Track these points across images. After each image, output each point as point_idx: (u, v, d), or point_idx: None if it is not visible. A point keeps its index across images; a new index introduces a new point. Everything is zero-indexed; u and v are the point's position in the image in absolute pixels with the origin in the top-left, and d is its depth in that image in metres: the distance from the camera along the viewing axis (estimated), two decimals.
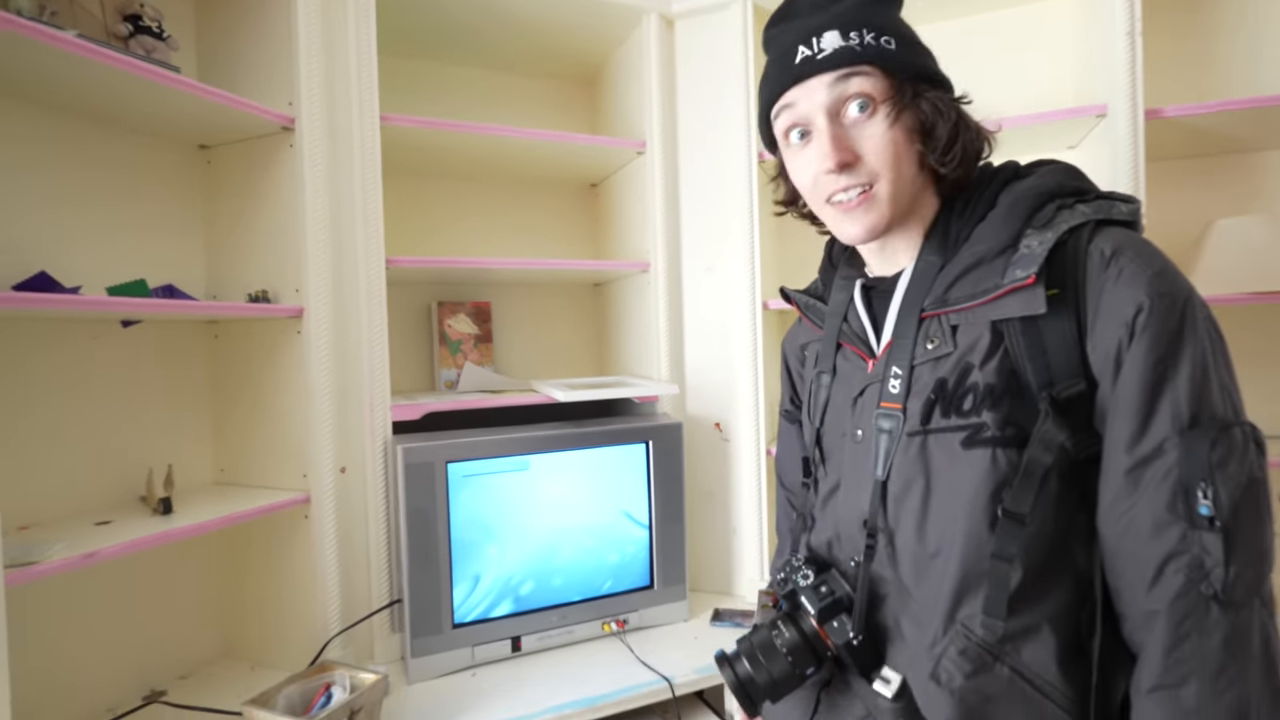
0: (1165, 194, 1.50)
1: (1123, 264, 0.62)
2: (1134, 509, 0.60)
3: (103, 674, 1.21)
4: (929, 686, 0.66)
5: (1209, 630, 0.57)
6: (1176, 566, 0.58)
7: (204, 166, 1.37)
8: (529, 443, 1.39)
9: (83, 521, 1.11)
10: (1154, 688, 0.58)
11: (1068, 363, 0.63)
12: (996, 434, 0.64)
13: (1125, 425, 0.61)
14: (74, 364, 1.19)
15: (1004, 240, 0.66)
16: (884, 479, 0.71)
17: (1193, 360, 0.59)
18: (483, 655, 1.34)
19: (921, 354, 0.69)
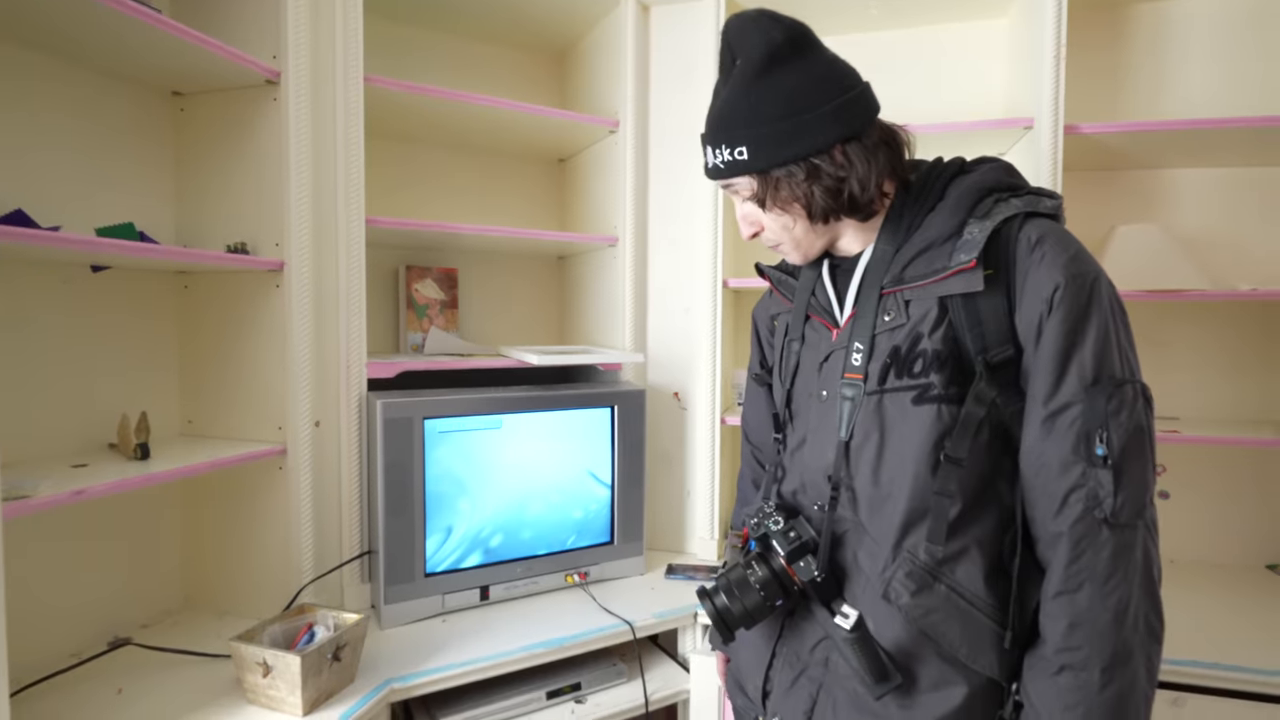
0: (1077, 201, 1.69)
1: (1045, 250, 0.74)
2: (1046, 451, 0.73)
3: (64, 621, 1.20)
4: (880, 606, 0.79)
5: (1100, 547, 0.70)
6: (1078, 497, 0.71)
7: (176, 114, 1.35)
8: (503, 403, 1.45)
9: (58, 464, 1.11)
10: (1057, 593, 0.72)
11: (999, 332, 0.76)
12: (941, 392, 0.77)
13: (1042, 383, 0.73)
14: (44, 307, 1.17)
15: (950, 228, 0.78)
16: (847, 440, 0.83)
17: (1097, 330, 0.72)
18: (453, 603, 1.41)
19: (880, 325, 0.82)
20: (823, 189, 0.79)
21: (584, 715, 1.28)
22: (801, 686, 0.86)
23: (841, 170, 0.79)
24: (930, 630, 0.76)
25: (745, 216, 0.87)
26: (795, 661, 0.88)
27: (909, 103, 1.75)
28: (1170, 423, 1.62)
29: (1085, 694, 0.70)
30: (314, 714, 1.04)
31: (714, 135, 0.82)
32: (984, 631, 0.76)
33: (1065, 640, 0.71)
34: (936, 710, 0.77)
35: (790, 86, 0.77)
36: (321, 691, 1.06)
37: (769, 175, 0.80)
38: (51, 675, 1.12)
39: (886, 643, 0.79)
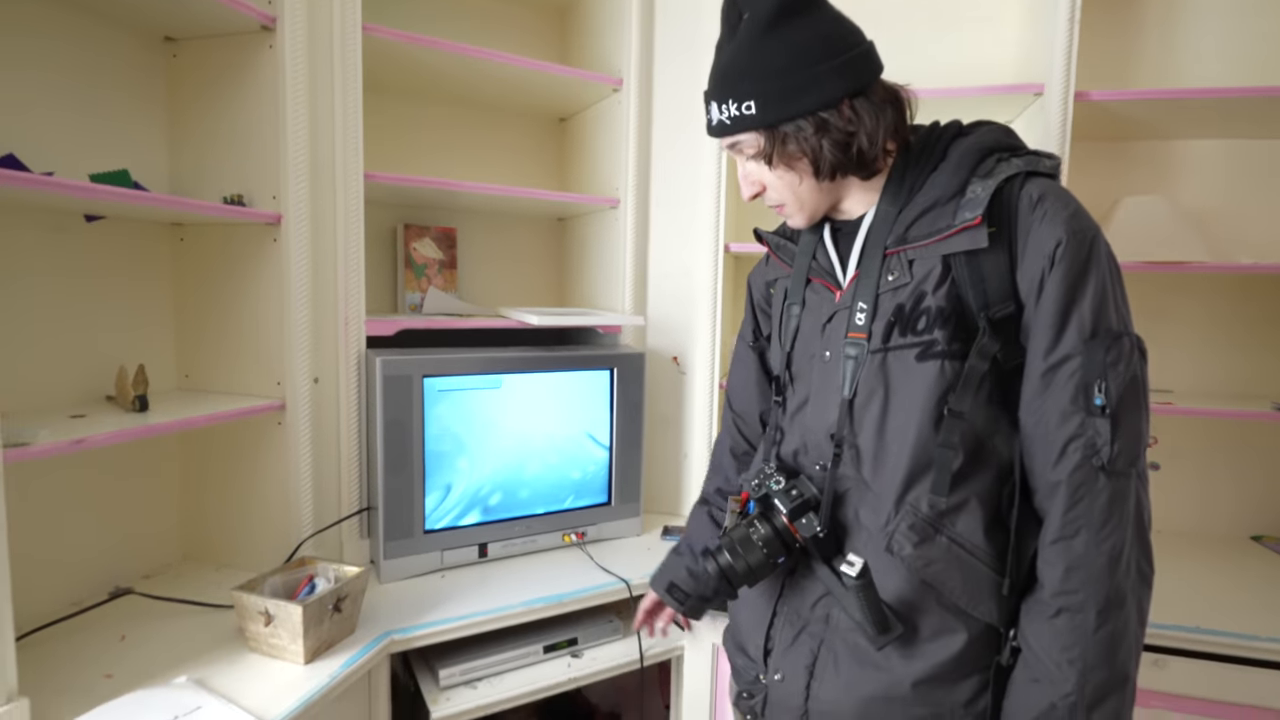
0: (1084, 172, 1.68)
1: (1046, 207, 0.75)
2: (1046, 402, 0.75)
3: (66, 571, 1.21)
4: (883, 559, 0.81)
5: (1097, 494, 0.73)
6: (1076, 446, 0.73)
7: (169, 60, 1.32)
8: (503, 363, 1.45)
9: (56, 415, 1.10)
10: (1055, 540, 0.75)
11: (1001, 288, 0.78)
12: (945, 348, 0.78)
13: (1043, 337, 0.75)
14: (37, 257, 1.15)
15: (954, 188, 0.79)
16: (851, 397, 0.84)
17: (1096, 285, 0.74)
18: (451, 559, 1.43)
19: (883, 285, 0.83)
20: (831, 143, 0.79)
21: (580, 669, 1.31)
22: (803, 643, 0.88)
23: (850, 125, 0.79)
24: (932, 580, 0.79)
25: (748, 176, 0.87)
26: (796, 619, 0.90)
27: (917, 66, 1.72)
28: (1164, 395, 1.63)
29: (1081, 635, 0.72)
30: (315, 662, 1.06)
31: (720, 90, 0.81)
32: (983, 580, 0.78)
33: (1062, 584, 0.74)
34: (936, 657, 0.80)
35: (799, 40, 0.77)
36: (322, 641, 1.08)
37: (777, 130, 0.80)
38: (54, 622, 1.13)
39: (889, 595, 0.81)
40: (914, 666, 0.81)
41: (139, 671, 1.02)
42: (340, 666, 1.06)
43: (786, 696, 0.89)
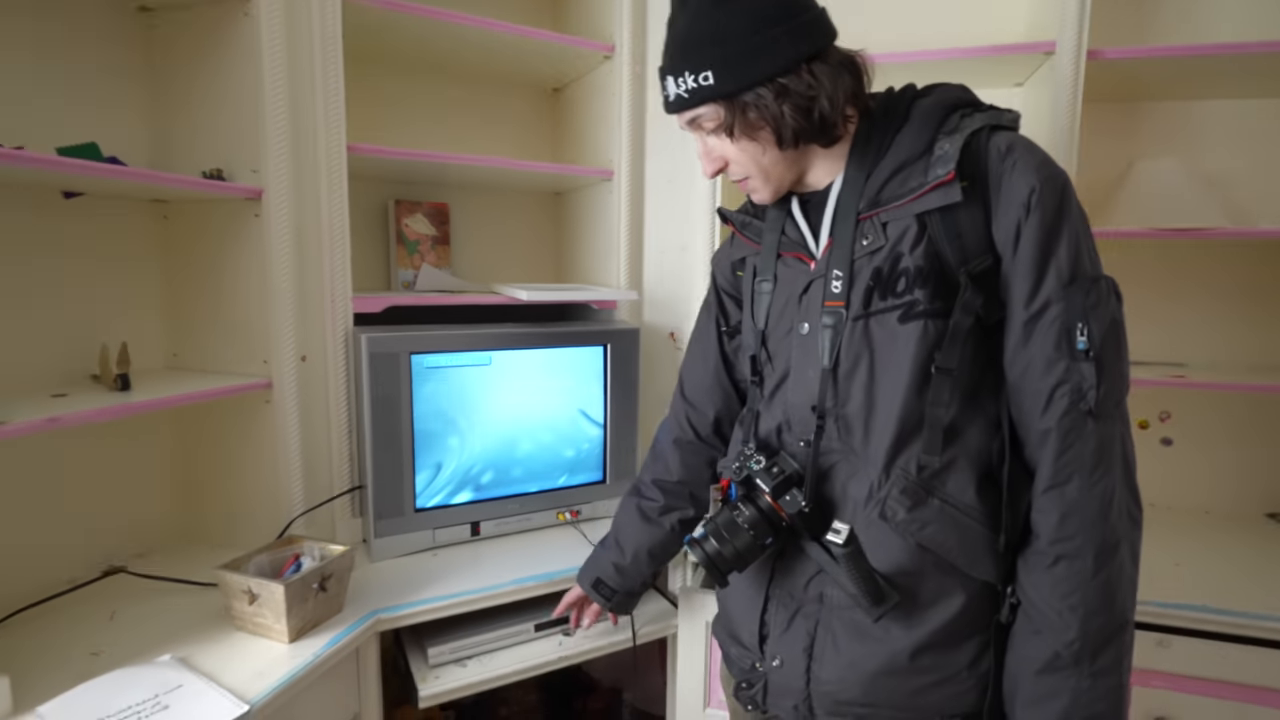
0: (1096, 135, 1.61)
1: (1016, 157, 0.75)
2: (1030, 351, 0.75)
3: (60, 548, 1.22)
4: (875, 528, 0.80)
5: (1087, 438, 0.73)
6: (1063, 392, 0.73)
7: (146, 31, 1.29)
8: (492, 339, 1.42)
9: (38, 394, 1.10)
10: (1047, 488, 0.75)
11: (978, 242, 0.77)
12: (927, 307, 0.77)
13: (1022, 286, 0.75)
14: (14, 234, 1.14)
15: (921, 146, 0.78)
16: (830, 367, 0.82)
17: (1070, 230, 0.74)
18: (443, 538, 1.42)
19: (859, 250, 0.81)
20: (793, 108, 0.77)
21: (571, 647, 1.30)
22: (798, 624, 0.87)
23: (811, 89, 0.77)
24: (928, 542, 0.78)
25: (709, 152, 0.85)
26: (789, 601, 0.88)
27: (922, 27, 1.66)
28: (1177, 369, 1.57)
29: (1080, 581, 0.73)
30: (300, 641, 1.06)
31: (675, 62, 0.79)
32: (979, 538, 0.78)
33: (1058, 532, 0.74)
34: (936, 622, 0.80)
35: (752, 6, 0.76)
36: (307, 620, 1.08)
37: (737, 100, 0.78)
38: (45, 600, 1.14)
39: (885, 563, 0.80)
40: (915, 634, 0.80)
41: (126, 649, 1.02)
42: (324, 645, 1.05)
43: (787, 681, 0.88)
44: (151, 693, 0.91)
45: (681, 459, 1.12)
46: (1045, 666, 0.75)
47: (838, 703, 0.85)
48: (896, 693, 0.82)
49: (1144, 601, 1.20)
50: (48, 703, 0.88)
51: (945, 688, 0.81)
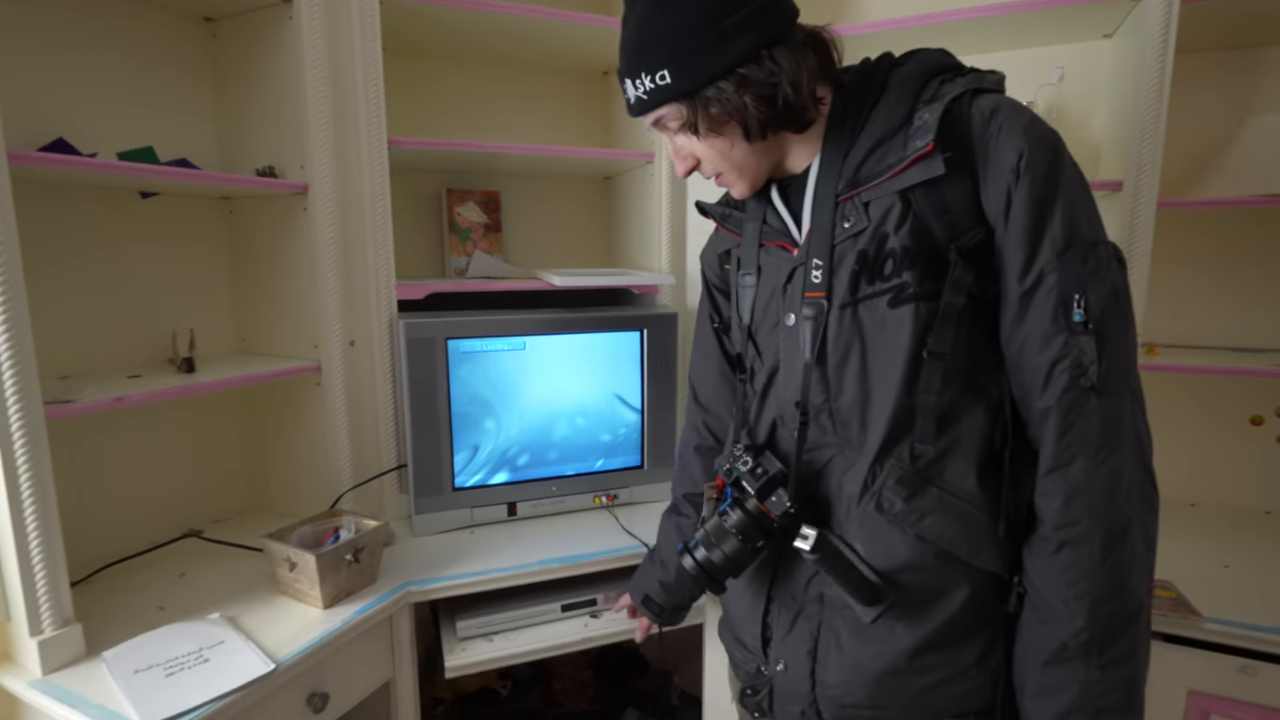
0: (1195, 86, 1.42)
1: (1001, 120, 0.69)
2: (1027, 327, 0.70)
3: (147, 514, 1.36)
4: (873, 521, 0.76)
5: (1090, 416, 0.68)
6: (1062, 368, 0.68)
7: (210, 40, 1.39)
8: (525, 324, 1.45)
9: (118, 375, 1.23)
10: (1050, 469, 0.70)
11: (968, 215, 0.71)
12: (917, 289, 0.72)
13: (1016, 258, 0.70)
14: (101, 231, 1.27)
15: (899, 118, 0.74)
16: (812, 360, 0.78)
17: (1065, 194, 0.68)
18: (481, 517, 1.47)
19: (840, 233, 0.76)
20: (755, 98, 0.73)
21: (597, 629, 1.32)
22: (801, 627, 0.84)
23: (772, 76, 0.72)
24: (927, 533, 0.74)
25: (679, 151, 0.82)
26: (791, 603, 0.85)
27: None
28: None
29: (1088, 567, 0.68)
30: (334, 607, 1.13)
31: (631, 65, 0.76)
32: (981, 526, 0.74)
33: (1062, 516, 0.69)
34: (941, 617, 0.76)
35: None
36: (341, 588, 1.15)
37: (697, 96, 0.74)
38: (129, 557, 1.28)
39: (882, 559, 0.76)
40: (919, 631, 0.76)
41: (187, 606, 1.13)
42: (355, 612, 1.12)
43: (792, 686, 0.85)
44: (197, 646, 1.01)
45: (704, 467, 1.09)
46: (1052, 657, 0.71)
47: (844, 706, 0.82)
48: (903, 694, 0.78)
49: (1227, 622, 1.07)
50: (112, 649, 0.99)
51: (954, 686, 0.77)
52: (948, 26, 1.42)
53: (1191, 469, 1.60)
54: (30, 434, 0.91)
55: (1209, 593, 1.17)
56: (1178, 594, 1.16)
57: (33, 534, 0.93)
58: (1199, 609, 1.11)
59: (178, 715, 0.87)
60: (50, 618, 0.96)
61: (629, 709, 1.86)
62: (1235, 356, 1.42)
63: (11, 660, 0.97)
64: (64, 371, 1.22)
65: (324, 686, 1.07)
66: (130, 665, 0.96)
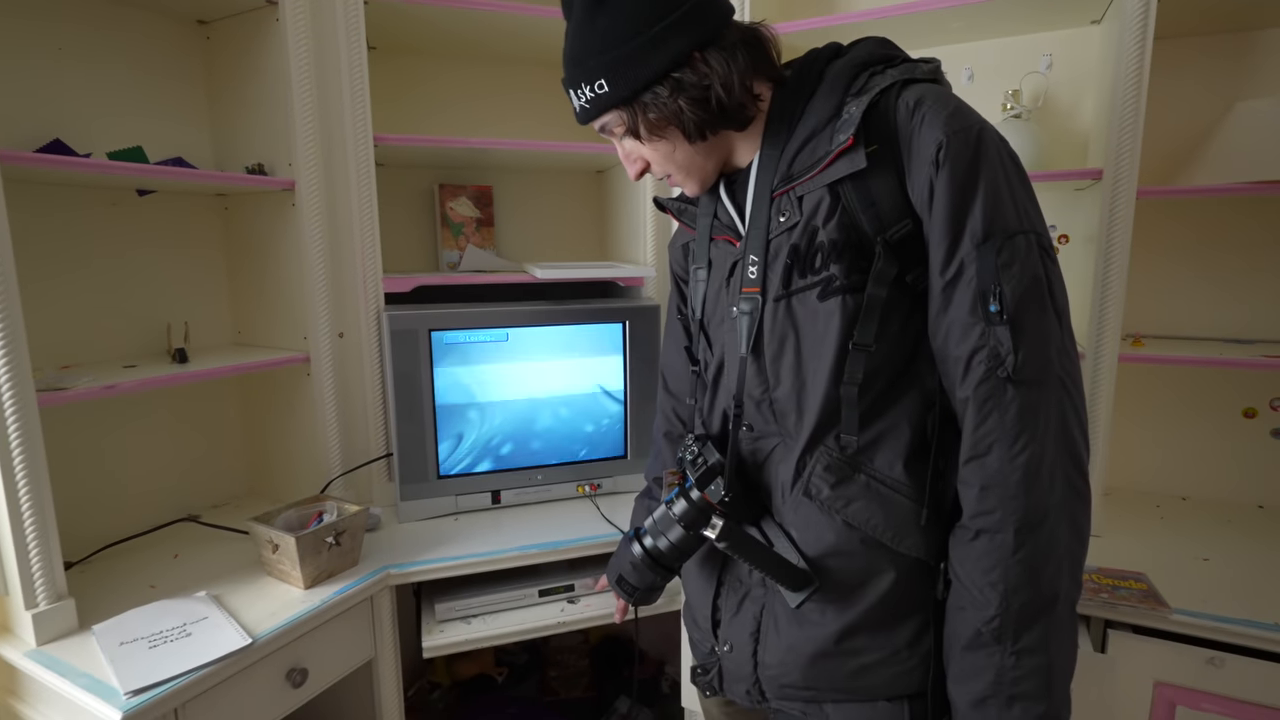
0: (1179, 74, 1.39)
1: (924, 111, 0.70)
2: (949, 317, 0.71)
3: (147, 499, 1.43)
4: (803, 507, 0.78)
5: (1006, 406, 0.68)
6: (980, 359, 0.69)
7: (204, 43, 1.44)
8: (508, 317, 1.48)
9: (114, 365, 1.29)
10: (968, 459, 0.71)
11: (895, 208, 0.72)
12: (844, 282, 0.73)
13: (939, 249, 0.70)
14: (101, 229, 1.33)
15: (829, 111, 0.75)
16: (747, 354, 0.81)
17: (987, 184, 0.68)
18: (465, 504, 1.51)
19: (775, 228, 0.78)
20: (689, 101, 0.75)
21: (573, 614, 1.35)
22: (746, 609, 0.87)
23: (704, 79, 0.74)
24: (853, 519, 0.76)
25: (628, 155, 0.85)
26: (739, 586, 0.88)
27: None
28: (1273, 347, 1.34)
29: (1000, 556, 0.69)
30: (315, 588, 1.18)
31: (571, 75, 0.79)
32: (906, 513, 0.75)
33: (978, 505, 0.70)
34: (868, 601, 0.77)
35: (633, 3, 0.73)
36: (322, 570, 1.20)
37: (635, 103, 0.77)
38: (127, 539, 1.34)
39: (812, 545, 0.78)
40: (848, 614, 0.78)
41: (177, 585, 1.19)
42: (334, 593, 1.17)
43: (737, 666, 0.88)
44: (181, 621, 1.06)
45: (675, 453, 1.12)
46: (970, 643, 0.72)
47: (782, 686, 0.84)
48: (836, 675, 0.80)
49: (1196, 614, 1.07)
50: (102, 623, 1.05)
51: (886, 668, 0.79)
52: (932, 15, 1.41)
53: (1182, 462, 1.57)
54: (24, 420, 0.97)
55: (1183, 585, 1.16)
56: (1149, 586, 1.15)
57: (27, 514, 0.99)
58: (1171, 601, 1.11)
59: (156, 684, 0.92)
60: (44, 593, 1.02)
61: (621, 697, 1.89)
62: (1223, 348, 1.39)
63: (9, 632, 1.04)
64: (66, 362, 1.28)
65: (303, 663, 1.12)
66: (117, 638, 1.01)
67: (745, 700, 0.89)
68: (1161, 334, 1.55)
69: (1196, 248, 1.51)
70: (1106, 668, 1.10)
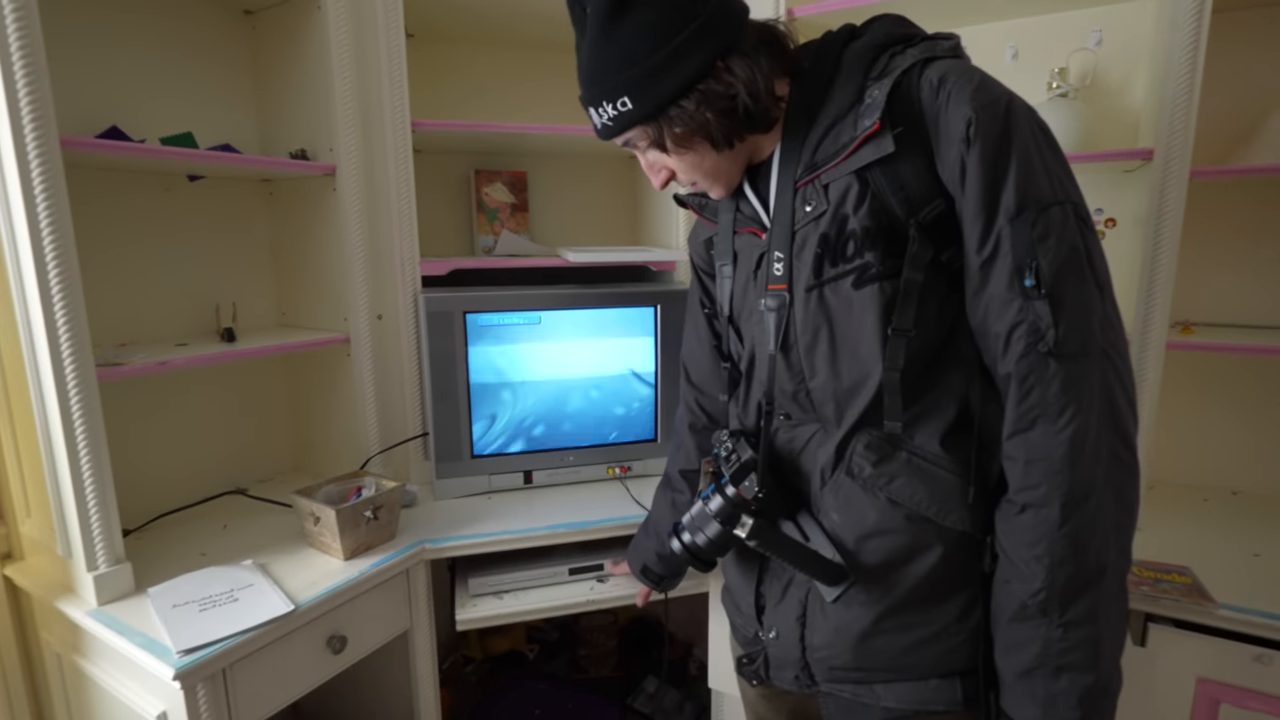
0: (1234, 49, 1.33)
1: (949, 88, 0.69)
2: (987, 294, 0.70)
3: (197, 472, 1.49)
4: (844, 487, 0.78)
5: (1048, 381, 0.67)
6: (1019, 334, 0.68)
7: (250, 32, 1.49)
8: (541, 300, 1.50)
9: (167, 343, 1.35)
10: (1011, 434, 0.71)
11: (925, 189, 0.71)
12: (879, 269, 0.72)
13: (973, 228, 0.69)
14: (155, 214, 1.39)
15: (851, 97, 0.74)
16: (776, 351, 0.81)
17: (1019, 157, 0.67)
18: (498, 484, 1.54)
19: (802, 218, 0.77)
20: (716, 111, 0.74)
21: (602, 593, 1.37)
22: (791, 594, 0.87)
23: (730, 88, 0.73)
24: (896, 495, 0.76)
25: (652, 166, 0.84)
26: (783, 572, 0.88)
27: None
28: None
29: (1046, 530, 0.69)
30: (353, 560, 1.22)
31: (591, 94, 0.77)
32: (951, 488, 0.75)
33: (1023, 479, 0.70)
34: (915, 575, 0.77)
35: (647, 19, 0.71)
36: (360, 543, 1.24)
37: (660, 118, 0.75)
38: (178, 510, 1.41)
39: (856, 525, 0.78)
40: (895, 592, 0.78)
41: (225, 553, 1.25)
42: (372, 565, 1.21)
43: (784, 652, 0.88)
44: (229, 587, 1.11)
45: (698, 445, 1.12)
46: (1016, 615, 0.72)
47: (832, 669, 0.84)
48: (886, 653, 0.80)
49: (1244, 609, 1.03)
50: (156, 586, 1.11)
51: (937, 644, 0.79)
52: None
53: (1233, 455, 1.51)
54: (84, 393, 1.02)
55: (1231, 581, 1.12)
56: (1193, 579, 1.12)
57: (88, 482, 1.05)
58: (1217, 596, 1.07)
59: (206, 644, 0.97)
60: (104, 556, 1.08)
61: (649, 677, 1.92)
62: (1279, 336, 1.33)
63: (72, 592, 1.10)
64: (123, 340, 1.34)
65: (342, 630, 1.16)
66: (170, 600, 1.07)
67: (794, 686, 0.89)
68: (1213, 321, 1.49)
69: (1252, 231, 1.44)
70: (1146, 662, 1.07)
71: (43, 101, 0.94)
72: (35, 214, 0.95)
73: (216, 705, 0.98)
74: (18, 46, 0.92)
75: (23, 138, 0.93)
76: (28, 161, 0.94)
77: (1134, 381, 0.71)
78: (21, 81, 0.92)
